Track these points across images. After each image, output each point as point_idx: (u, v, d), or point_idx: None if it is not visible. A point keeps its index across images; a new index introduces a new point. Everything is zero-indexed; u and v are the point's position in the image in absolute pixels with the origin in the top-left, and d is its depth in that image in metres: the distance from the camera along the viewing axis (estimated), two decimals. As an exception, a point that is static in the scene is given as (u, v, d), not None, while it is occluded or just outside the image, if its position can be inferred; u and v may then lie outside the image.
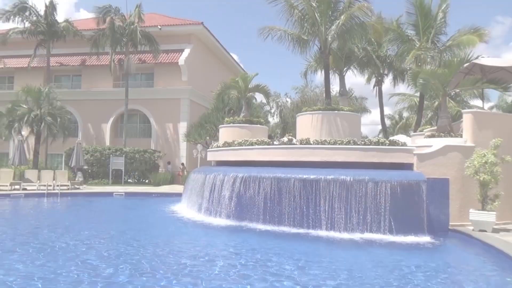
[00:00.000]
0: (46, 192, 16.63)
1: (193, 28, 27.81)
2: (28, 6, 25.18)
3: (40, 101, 22.00)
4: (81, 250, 7.25)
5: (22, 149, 19.32)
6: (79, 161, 20.21)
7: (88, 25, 28.14)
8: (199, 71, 29.01)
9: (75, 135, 26.77)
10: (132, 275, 5.68)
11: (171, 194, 18.02)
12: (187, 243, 8.29)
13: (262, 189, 9.85)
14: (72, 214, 13.23)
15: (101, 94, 27.53)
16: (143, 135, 28.10)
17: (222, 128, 14.83)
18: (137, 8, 24.59)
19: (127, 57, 24.49)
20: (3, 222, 10.91)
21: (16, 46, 28.01)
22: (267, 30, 15.32)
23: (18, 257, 6.56)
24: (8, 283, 5.16)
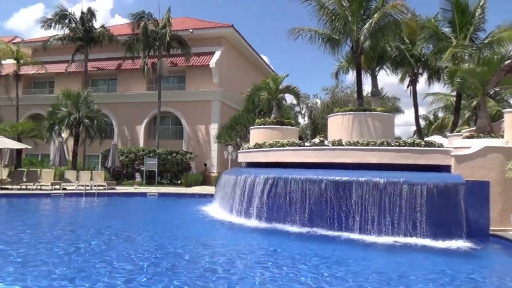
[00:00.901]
0: (84, 192, 17.29)
1: (224, 30, 28.13)
2: (67, 14, 26.33)
3: (78, 104, 22.92)
4: (121, 247, 7.49)
5: (62, 151, 20.18)
6: (114, 162, 20.90)
7: (122, 30, 29.08)
8: (229, 73, 29.29)
9: (111, 137, 27.69)
10: (165, 274, 5.81)
11: (202, 195, 18.30)
12: (219, 244, 8.37)
13: (293, 190, 9.82)
14: (109, 213, 13.69)
15: (135, 97, 28.34)
16: (175, 136, 28.67)
17: (253, 129, 14.89)
18: (167, 12, 25.16)
19: (160, 60, 25.09)
20: (54, 220, 11.45)
21: (56, 52, 29.36)
22: (297, 31, 15.24)
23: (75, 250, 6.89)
24: (76, 263, 5.42)
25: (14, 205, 14.45)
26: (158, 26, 24.90)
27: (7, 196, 16.35)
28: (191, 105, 27.40)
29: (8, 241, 8.03)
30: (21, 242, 7.93)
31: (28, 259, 6.48)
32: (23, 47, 29.38)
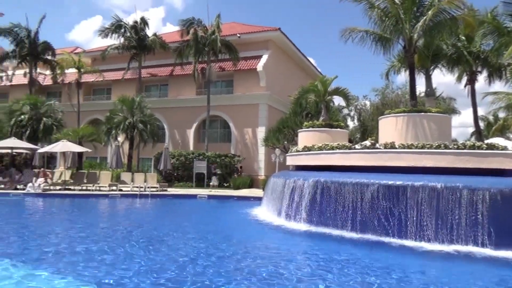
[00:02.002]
0: (139, 193, 18.08)
1: (271, 34, 28.27)
2: (123, 24, 27.80)
3: (133, 109, 24.06)
4: (178, 247, 7.74)
5: (118, 154, 21.27)
6: (166, 164, 21.68)
7: (173, 38, 30.17)
8: (276, 76, 29.36)
9: (163, 140, 28.76)
10: (215, 273, 5.90)
11: (250, 197, 18.44)
12: (267, 247, 8.36)
13: (343, 194, 9.59)
14: (163, 214, 14.21)
15: (186, 101, 29.25)
16: (223, 139, 29.19)
17: (301, 132, 14.79)
18: (217, 19, 25.73)
19: (209, 65, 25.71)
20: (114, 219, 12.12)
21: (113, 61, 31.07)
22: (348, 31, 14.92)
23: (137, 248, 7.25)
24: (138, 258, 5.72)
25: (77, 205, 15.45)
26: (207, 32, 25.54)
27: (70, 196, 17.54)
28: (239, 108, 27.78)
29: (84, 237, 8.58)
30: (92, 240, 8.45)
31: (94, 254, 6.89)
32: (84, 57, 31.42)
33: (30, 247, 7.64)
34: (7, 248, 7.57)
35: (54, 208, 14.69)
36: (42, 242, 8.24)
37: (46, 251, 7.39)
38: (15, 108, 24.36)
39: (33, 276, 5.63)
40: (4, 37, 29.20)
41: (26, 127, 23.48)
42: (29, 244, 7.95)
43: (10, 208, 14.36)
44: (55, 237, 8.97)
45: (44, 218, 12.77)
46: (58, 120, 24.98)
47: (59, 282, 5.39)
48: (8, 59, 30.78)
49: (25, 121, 23.60)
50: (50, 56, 30.56)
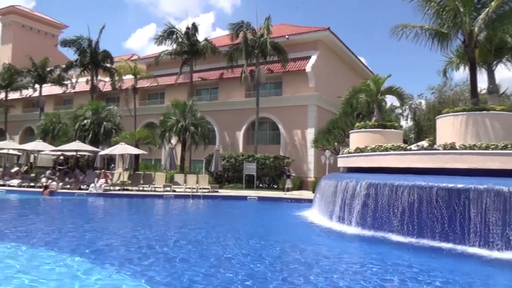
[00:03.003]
0: (191, 194, 18.63)
1: (320, 34, 27.94)
2: (175, 30, 28.83)
3: (185, 113, 24.85)
4: (231, 249, 7.89)
5: (172, 156, 22.07)
6: (217, 166, 22.15)
7: (223, 42, 30.79)
8: (326, 77, 28.94)
9: (213, 142, 29.40)
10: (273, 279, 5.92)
11: (300, 199, 18.32)
12: (319, 251, 8.25)
13: (399, 197, 9.22)
14: (215, 215, 14.55)
15: (235, 104, 29.70)
16: (272, 141, 29.27)
17: (353, 133, 14.44)
18: (266, 21, 25.87)
19: (258, 68, 25.93)
20: (170, 219, 12.63)
21: (166, 66, 32.32)
22: (400, 28, 14.36)
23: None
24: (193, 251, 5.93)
25: (135, 204, 16.26)
26: (256, 35, 25.77)
27: (128, 196, 18.48)
28: (288, 110, 27.71)
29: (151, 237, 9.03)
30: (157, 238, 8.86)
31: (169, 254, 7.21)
32: (139, 63, 33.06)
33: (94, 244, 8.14)
34: (71, 244, 8.12)
35: (115, 208, 15.55)
36: (107, 239, 8.76)
37: (111, 247, 7.84)
38: (79, 114, 26.11)
39: (92, 270, 5.99)
40: (69, 47, 31.49)
41: (89, 131, 25.06)
42: (93, 241, 8.47)
43: (76, 207, 15.40)
44: (119, 235, 9.49)
45: (108, 217, 13.58)
46: (117, 124, 26.40)
47: (124, 278, 5.69)
48: (73, 68, 33.17)
49: (88, 125, 25.20)
50: (109, 64, 32.46)
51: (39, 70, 35.10)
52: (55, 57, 41.61)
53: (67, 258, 6.71)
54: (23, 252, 7.14)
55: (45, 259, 6.65)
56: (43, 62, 35.21)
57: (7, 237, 8.61)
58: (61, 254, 6.94)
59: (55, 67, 35.61)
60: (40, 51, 43.02)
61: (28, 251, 7.18)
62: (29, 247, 7.50)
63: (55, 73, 35.42)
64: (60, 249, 7.40)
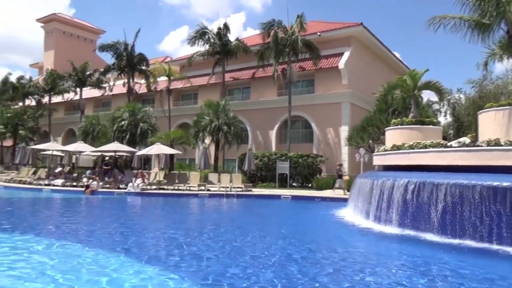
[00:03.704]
0: (225, 193, 18.82)
1: (352, 30, 27.43)
2: (207, 31, 29.21)
3: (218, 113, 25.14)
4: (269, 248, 7.91)
5: (206, 155, 22.38)
6: (250, 165, 22.26)
7: (254, 41, 30.88)
8: (359, 73, 28.38)
9: (246, 142, 29.57)
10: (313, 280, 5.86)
11: (334, 198, 18.09)
12: (355, 250, 8.11)
13: (439, 196, 8.88)
14: (250, 213, 14.64)
15: (267, 103, 29.72)
16: (305, 140, 29.05)
17: (389, 130, 14.05)
18: (299, 18, 25.65)
19: (289, 66, 25.79)
20: (206, 218, 12.84)
21: (199, 67, 32.85)
22: (437, 20, 13.83)
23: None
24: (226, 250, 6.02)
25: (172, 203, 16.65)
26: (287, 33, 25.64)
27: (164, 195, 18.95)
28: (321, 108, 27.41)
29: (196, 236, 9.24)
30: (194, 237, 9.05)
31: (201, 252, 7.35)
32: (173, 65, 33.78)
33: (135, 241, 8.40)
34: (113, 241, 8.41)
35: (153, 207, 15.96)
36: (146, 237, 9.02)
37: (150, 245, 8.07)
38: (117, 115, 27.03)
39: (132, 267, 6.18)
40: (107, 52, 32.68)
41: (126, 132, 25.89)
42: (133, 239, 8.74)
43: (116, 206, 15.95)
44: (158, 232, 9.75)
45: (146, 215, 13.99)
46: (152, 125, 27.11)
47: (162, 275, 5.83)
48: (110, 72, 34.41)
49: (125, 126, 26.03)
50: (145, 67, 33.41)
51: (80, 74, 36.70)
52: (93, 61, 43.30)
53: (108, 254, 6.96)
54: (65, 248, 7.48)
55: (85, 255, 6.93)
56: (83, 66, 36.78)
57: (52, 234, 9.05)
58: (103, 250, 7.21)
59: (94, 71, 37.13)
60: (79, 56, 44.92)
61: (70, 247, 7.51)
62: (73, 243, 7.85)
63: (94, 77, 36.92)
64: (102, 245, 7.69)
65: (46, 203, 16.60)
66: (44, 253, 7.14)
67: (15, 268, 6.09)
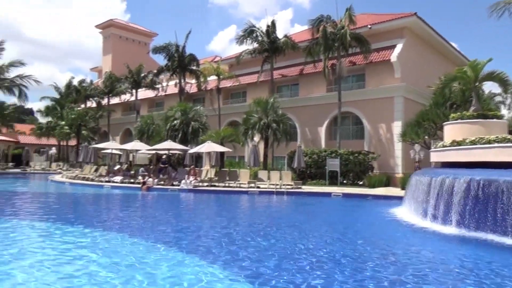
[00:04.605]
0: (275, 190, 18.87)
1: (406, 21, 26.25)
2: (255, 29, 29.38)
3: (267, 110, 25.22)
4: (322, 247, 7.85)
5: (255, 153, 22.58)
6: (300, 162, 22.13)
7: (302, 37, 30.57)
8: (413, 66, 27.13)
9: (295, 139, 29.41)
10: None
11: (387, 196, 17.48)
12: (411, 251, 7.77)
13: (506, 195, 8.28)
14: (301, 211, 14.56)
15: (316, 99, 29.33)
16: (356, 136, 28.32)
17: (448, 125, 13.30)
18: (347, 12, 25.03)
19: (339, 61, 25.24)
20: (257, 215, 13.03)
21: (247, 65, 33.17)
22: (501, 5, 12.89)
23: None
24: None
25: (223, 200, 17.00)
26: (336, 27, 25.12)
27: (216, 192, 19.38)
28: (372, 103, 26.57)
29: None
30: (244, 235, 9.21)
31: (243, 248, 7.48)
32: (222, 64, 34.38)
33: (189, 236, 8.69)
34: (169, 235, 8.75)
35: (206, 203, 16.41)
36: (200, 232, 9.30)
37: (204, 240, 8.31)
38: (170, 115, 28.04)
39: (183, 264, 6.38)
40: (159, 54, 34.02)
41: (178, 130, 26.79)
42: (188, 233, 9.05)
43: (170, 202, 16.58)
44: (211, 228, 10.02)
45: (200, 211, 14.43)
46: (203, 123, 27.81)
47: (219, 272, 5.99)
48: (163, 73, 35.78)
49: (177, 125, 26.94)
50: (195, 67, 34.35)
51: (135, 76, 38.57)
52: (147, 63, 45.25)
53: (165, 248, 7.27)
54: (125, 241, 7.91)
55: (143, 248, 7.28)
56: (137, 68, 38.60)
57: (112, 228, 9.61)
58: (161, 245, 7.54)
59: (148, 72, 38.85)
60: (135, 58, 47.11)
61: (129, 240, 7.93)
62: (132, 237, 8.29)
63: (148, 78, 38.60)
64: (160, 240, 8.04)
65: (108, 199, 17.66)
66: (111, 245, 7.60)
67: (85, 256, 6.56)
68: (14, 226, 9.54)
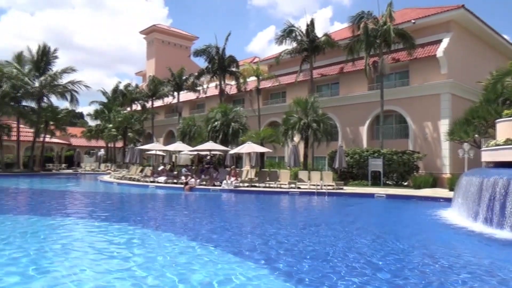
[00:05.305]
0: (316, 191, 18.69)
1: (452, 14, 25.06)
2: (294, 29, 29.25)
3: (306, 110, 25.03)
4: (361, 249, 7.71)
5: (295, 153, 22.49)
6: (341, 163, 21.77)
7: (342, 35, 30.03)
8: (461, 61, 25.85)
9: (335, 139, 28.96)
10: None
11: (435, 198, 16.79)
12: (464, 257, 7.40)
13: None
14: (343, 212, 14.36)
15: (357, 98, 28.71)
16: (399, 135, 27.41)
17: (501, 122, 12.53)
18: (388, 7, 24.31)
19: (381, 58, 24.56)
20: (299, 216, 13.03)
21: (286, 65, 33.09)
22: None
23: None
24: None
25: (264, 200, 17.08)
26: (378, 24, 24.46)
27: (256, 192, 19.51)
28: (416, 101, 25.60)
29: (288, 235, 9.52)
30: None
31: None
32: (261, 65, 34.54)
33: (231, 236, 8.82)
34: (213, 235, 8.93)
35: (247, 203, 16.59)
36: (242, 232, 9.42)
37: (248, 240, 8.41)
38: (210, 116, 28.57)
39: (230, 264, 6.48)
40: (200, 56, 34.76)
41: (219, 131, 27.24)
42: (231, 233, 9.19)
43: (213, 202, 16.90)
44: (254, 229, 10.13)
45: (242, 211, 14.65)
46: (243, 124, 28.08)
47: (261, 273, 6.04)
48: (203, 75, 36.53)
49: (218, 126, 27.39)
50: (235, 68, 34.78)
51: (177, 79, 39.72)
52: (189, 66, 46.36)
53: (212, 248, 7.44)
54: (174, 240, 8.18)
55: (186, 247, 7.48)
56: (179, 72, 39.71)
57: (156, 226, 9.96)
58: (204, 243, 7.72)
59: (189, 75, 39.87)
60: (176, 62, 48.42)
61: (174, 238, 8.18)
62: (177, 235, 8.55)
63: (189, 81, 39.58)
64: (204, 239, 8.24)
65: (153, 198, 18.30)
66: (157, 242, 7.90)
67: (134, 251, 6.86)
68: (64, 223, 10.17)
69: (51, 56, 36.85)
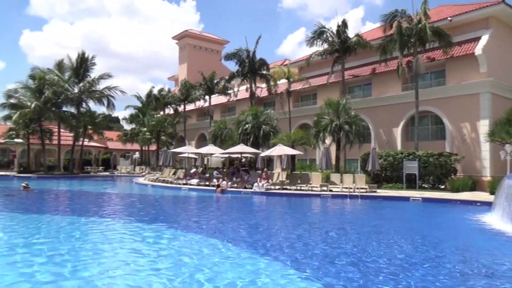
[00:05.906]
0: (348, 194, 18.40)
1: (492, 9, 24.02)
2: (325, 30, 28.97)
3: (338, 112, 24.69)
4: (396, 256, 7.54)
5: (327, 155, 22.25)
6: (374, 165, 21.32)
7: (374, 35, 29.47)
8: (501, 59, 24.72)
9: (368, 141, 28.39)
10: None
11: (474, 202, 16.12)
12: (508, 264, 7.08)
13: None
14: (377, 216, 14.09)
15: (390, 99, 28.04)
16: (435, 137, 26.51)
17: (546, 123, 11.92)
18: (423, 5, 23.60)
19: (416, 57, 23.87)
20: (332, 220, 12.91)
21: (316, 67, 32.85)
22: None
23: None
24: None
25: (296, 203, 17.05)
26: (412, 22, 23.81)
27: (288, 195, 19.47)
28: (453, 101, 24.68)
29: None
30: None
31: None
32: (291, 67, 34.43)
33: (263, 239, 8.86)
34: (245, 237, 9.00)
35: (279, 206, 16.56)
36: (274, 235, 9.45)
37: (282, 244, 8.42)
38: (241, 119, 28.80)
39: (257, 263, 6.50)
40: (231, 60, 35.16)
41: (250, 134, 27.38)
42: (268, 238, 9.23)
43: (244, 204, 17.03)
44: (286, 232, 10.14)
45: (274, 214, 14.69)
46: (274, 127, 28.09)
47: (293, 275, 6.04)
48: (234, 78, 36.90)
49: (249, 129, 27.54)
50: (265, 71, 34.87)
51: (208, 83, 40.33)
52: (220, 70, 46.96)
53: (238, 248, 7.51)
54: (198, 240, 8.31)
55: (219, 249, 7.58)
56: (211, 75, 40.31)
57: (190, 228, 10.16)
58: (234, 245, 7.80)
59: (220, 79, 40.37)
60: (207, 66, 49.18)
61: (206, 239, 8.31)
62: (209, 237, 8.68)
63: (220, 85, 40.09)
64: (234, 240, 8.32)
65: (186, 200, 18.66)
66: (188, 242, 8.07)
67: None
68: (101, 223, 10.57)
69: (89, 63, 38.44)
